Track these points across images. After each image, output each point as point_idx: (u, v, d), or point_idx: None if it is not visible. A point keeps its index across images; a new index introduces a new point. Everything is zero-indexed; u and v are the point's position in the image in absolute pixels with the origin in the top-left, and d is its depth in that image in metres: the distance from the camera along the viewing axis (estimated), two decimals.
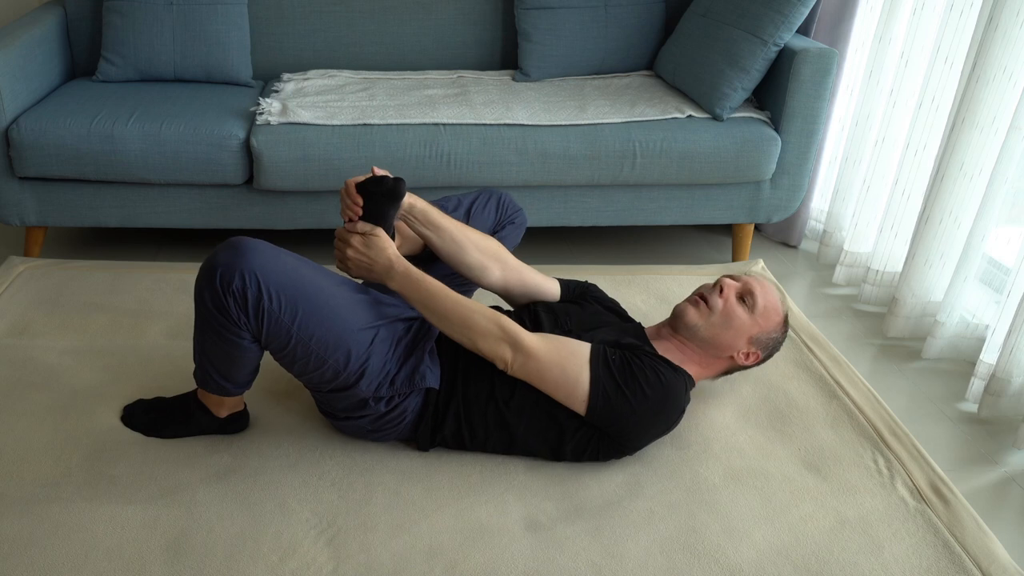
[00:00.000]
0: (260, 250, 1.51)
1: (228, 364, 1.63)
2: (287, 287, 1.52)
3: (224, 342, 1.57)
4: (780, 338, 1.84)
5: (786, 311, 1.85)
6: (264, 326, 1.52)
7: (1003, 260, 2.55)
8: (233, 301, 1.49)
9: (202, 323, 1.57)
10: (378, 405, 1.67)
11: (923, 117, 2.48)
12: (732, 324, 1.77)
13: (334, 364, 1.59)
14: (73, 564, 1.46)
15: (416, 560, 1.51)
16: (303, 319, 1.53)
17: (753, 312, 1.77)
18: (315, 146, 2.53)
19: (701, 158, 2.64)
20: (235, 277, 1.48)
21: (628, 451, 1.74)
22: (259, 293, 1.49)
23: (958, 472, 1.98)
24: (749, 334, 1.78)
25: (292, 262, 1.56)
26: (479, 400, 1.69)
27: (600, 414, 1.64)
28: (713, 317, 1.77)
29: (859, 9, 2.77)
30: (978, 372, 2.25)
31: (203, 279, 1.51)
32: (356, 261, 1.65)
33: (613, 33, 3.02)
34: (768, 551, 1.56)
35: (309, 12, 3.01)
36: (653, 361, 1.68)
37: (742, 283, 1.81)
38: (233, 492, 1.64)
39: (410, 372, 1.66)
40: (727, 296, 1.78)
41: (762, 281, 1.83)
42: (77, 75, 2.99)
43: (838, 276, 2.82)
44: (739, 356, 1.80)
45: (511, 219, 1.99)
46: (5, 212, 2.60)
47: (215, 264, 1.49)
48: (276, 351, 1.59)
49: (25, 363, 1.99)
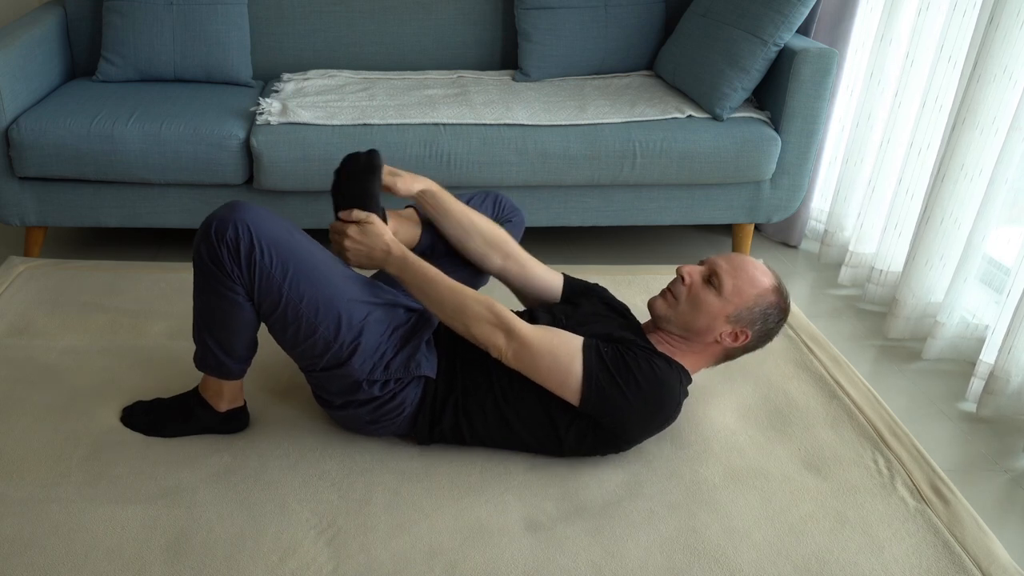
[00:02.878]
0: (255, 208, 1.58)
1: (225, 330, 1.64)
2: (279, 245, 1.57)
3: (219, 298, 1.60)
4: (770, 311, 1.71)
5: (774, 283, 1.73)
6: (256, 280, 1.56)
7: (1003, 260, 2.55)
8: (227, 251, 1.54)
9: (199, 283, 1.61)
10: (372, 389, 1.67)
11: (927, 117, 2.48)
12: (700, 308, 1.71)
13: (325, 332, 1.60)
14: (73, 564, 1.46)
15: (416, 560, 1.51)
16: (294, 277, 1.57)
17: (721, 292, 1.70)
18: (315, 146, 2.53)
19: (701, 158, 2.64)
20: (228, 227, 1.54)
21: (625, 445, 1.73)
22: (251, 245, 1.54)
23: (958, 472, 1.98)
24: (724, 313, 1.70)
25: (287, 226, 1.62)
26: (477, 392, 1.70)
27: (594, 404, 1.64)
28: (680, 306, 1.73)
29: (859, 9, 2.77)
30: (978, 372, 2.25)
31: (200, 234, 1.57)
32: (354, 250, 1.68)
33: (613, 33, 3.02)
34: (768, 551, 1.56)
35: (309, 12, 3.01)
36: (647, 353, 1.68)
37: (707, 264, 1.75)
38: (233, 492, 1.64)
39: (406, 358, 1.67)
40: (689, 283, 1.73)
41: (734, 257, 1.74)
42: (77, 75, 2.99)
43: (843, 276, 2.82)
44: (724, 338, 1.72)
45: (508, 218, 1.98)
46: (5, 212, 2.60)
47: (211, 217, 1.57)
48: (268, 314, 1.61)
49: (25, 363, 1.99)
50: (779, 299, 1.73)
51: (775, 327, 1.75)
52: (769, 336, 1.76)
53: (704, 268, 1.75)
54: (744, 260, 1.74)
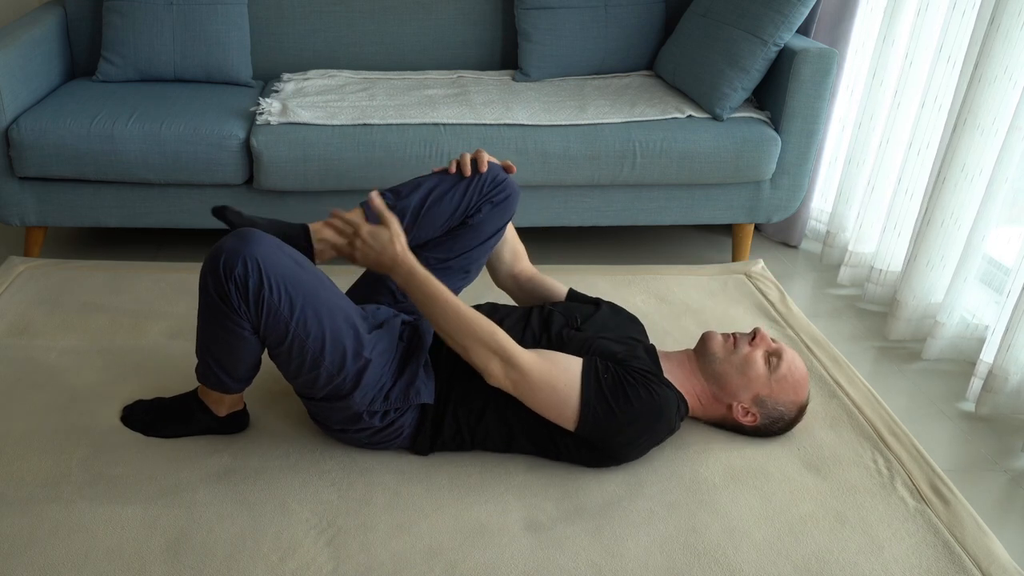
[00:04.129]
0: (265, 242, 1.52)
1: (228, 356, 1.63)
2: (288, 280, 1.52)
3: (225, 331, 1.57)
4: (788, 416, 1.80)
5: (805, 402, 1.80)
6: (263, 316, 1.52)
7: (1003, 260, 2.55)
8: (234, 287, 1.50)
9: (205, 311, 1.58)
10: (372, 420, 1.66)
11: (926, 117, 2.48)
12: (747, 372, 1.74)
13: (329, 367, 1.58)
14: (73, 564, 1.46)
15: (416, 560, 1.51)
16: (301, 313, 1.54)
17: (772, 373, 1.75)
18: (315, 146, 2.53)
19: (701, 158, 2.64)
20: (237, 263, 1.49)
21: (615, 463, 1.74)
22: (260, 282, 1.50)
23: (958, 472, 1.98)
24: (758, 391, 1.76)
25: (296, 258, 1.57)
26: (476, 403, 1.70)
27: (589, 432, 1.65)
28: (734, 356, 1.75)
29: (859, 9, 2.77)
30: (978, 372, 2.25)
31: (207, 265, 1.53)
32: (363, 251, 1.64)
33: (613, 33, 3.02)
34: (768, 551, 1.56)
35: (309, 12, 3.01)
36: (647, 379, 1.66)
37: (777, 346, 1.79)
38: (233, 492, 1.64)
39: (405, 387, 1.66)
40: (756, 345, 1.76)
41: (798, 359, 1.79)
42: (77, 75, 2.99)
43: (842, 276, 2.82)
44: (737, 408, 1.78)
45: (488, 199, 1.86)
46: (5, 212, 2.60)
47: (220, 250, 1.51)
48: (273, 346, 1.59)
49: (25, 363, 1.99)
50: (797, 415, 1.82)
51: (775, 432, 1.84)
52: (765, 433, 1.84)
53: (775, 345, 1.79)
54: (802, 367, 1.80)
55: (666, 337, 2.23)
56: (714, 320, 2.34)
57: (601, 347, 1.73)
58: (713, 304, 2.42)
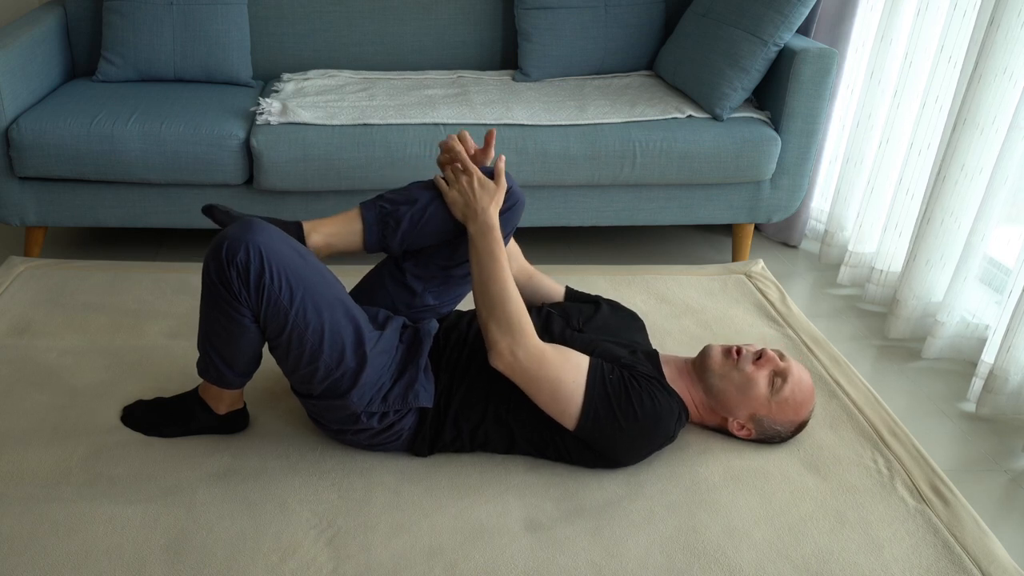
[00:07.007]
0: (269, 231, 1.54)
1: (228, 347, 1.63)
2: (290, 269, 1.53)
3: (226, 318, 1.57)
4: (784, 434, 1.80)
5: (804, 419, 1.79)
6: (263, 304, 1.53)
7: (1003, 260, 2.55)
8: (236, 274, 1.51)
9: (207, 299, 1.58)
10: (371, 421, 1.66)
11: (926, 117, 2.48)
12: (747, 392, 1.73)
13: (327, 361, 1.58)
14: (73, 564, 1.46)
15: (416, 560, 1.51)
16: (302, 304, 1.54)
17: (774, 395, 1.73)
18: (315, 146, 2.53)
19: (701, 158, 2.64)
20: (240, 250, 1.50)
21: (614, 466, 1.74)
22: (261, 269, 1.50)
23: (958, 472, 1.98)
24: (755, 411, 1.75)
25: (299, 250, 1.58)
26: (477, 408, 1.70)
27: (588, 433, 1.65)
28: (735, 373, 1.73)
29: (859, 9, 2.77)
30: (979, 372, 2.25)
31: (211, 251, 1.54)
32: (463, 191, 1.71)
33: (613, 33, 3.02)
34: (768, 551, 1.56)
35: (309, 12, 3.01)
36: (651, 385, 1.67)
37: (785, 365, 1.74)
38: (233, 492, 1.64)
39: (404, 389, 1.66)
40: (761, 365, 1.73)
41: (805, 380, 1.76)
42: (77, 75, 2.99)
43: (842, 276, 2.82)
44: (732, 423, 1.78)
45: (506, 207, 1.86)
46: (5, 212, 2.60)
47: (224, 237, 1.52)
48: (272, 336, 1.59)
49: (25, 363, 1.99)
50: (793, 432, 1.81)
51: (771, 443, 1.83)
52: (761, 443, 1.83)
53: (783, 365, 1.74)
54: (808, 386, 1.77)
55: (666, 337, 2.23)
56: (714, 320, 2.34)
57: (604, 350, 1.74)
58: (713, 304, 2.42)
